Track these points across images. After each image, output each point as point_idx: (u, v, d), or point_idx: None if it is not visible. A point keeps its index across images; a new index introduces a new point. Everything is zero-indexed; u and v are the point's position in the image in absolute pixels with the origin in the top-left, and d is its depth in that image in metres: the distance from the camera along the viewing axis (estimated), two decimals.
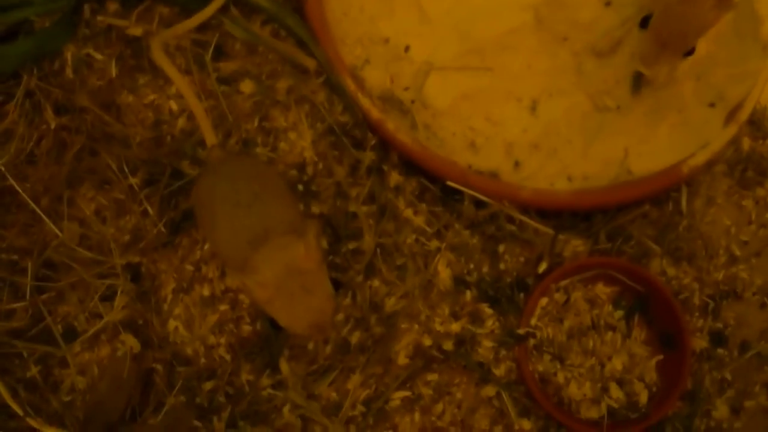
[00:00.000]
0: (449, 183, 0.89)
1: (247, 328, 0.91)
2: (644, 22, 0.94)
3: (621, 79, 0.97)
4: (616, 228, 0.95)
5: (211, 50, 0.95)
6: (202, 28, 0.95)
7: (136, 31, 0.95)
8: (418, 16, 0.97)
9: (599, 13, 0.99)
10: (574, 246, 0.93)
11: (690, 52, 0.91)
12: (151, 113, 0.95)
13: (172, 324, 0.90)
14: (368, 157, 0.91)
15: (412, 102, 0.94)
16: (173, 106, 0.95)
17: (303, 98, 0.94)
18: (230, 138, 0.93)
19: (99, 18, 0.95)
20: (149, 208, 0.91)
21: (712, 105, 0.98)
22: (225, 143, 0.92)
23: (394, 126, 0.89)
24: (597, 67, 0.98)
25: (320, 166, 0.92)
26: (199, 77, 0.95)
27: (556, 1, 0.98)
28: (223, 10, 0.95)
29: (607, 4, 1.00)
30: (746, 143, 1.01)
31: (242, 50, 0.96)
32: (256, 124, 0.93)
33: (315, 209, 0.91)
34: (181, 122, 0.94)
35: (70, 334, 0.89)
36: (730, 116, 0.97)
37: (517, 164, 0.94)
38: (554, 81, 0.97)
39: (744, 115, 0.97)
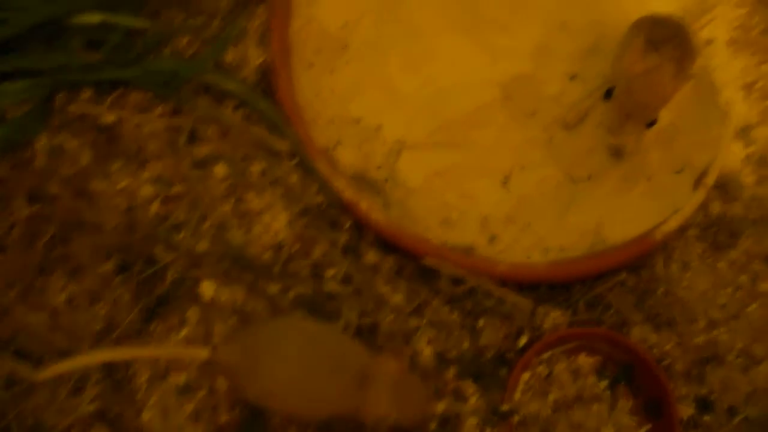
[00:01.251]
0: (426, 260, 0.89)
1: (224, 416, 0.88)
2: (608, 94, 0.97)
3: (591, 150, 0.99)
4: (595, 297, 0.95)
5: (185, 135, 0.95)
6: (176, 112, 0.96)
7: (109, 118, 0.95)
8: (388, 95, 0.99)
9: (565, 87, 1.02)
10: (554, 318, 0.93)
11: (653, 123, 0.93)
12: (123, 199, 0.94)
13: (146, 414, 0.87)
14: (344, 237, 0.91)
15: (386, 181, 0.95)
16: (146, 191, 0.95)
17: (277, 180, 0.94)
18: (205, 222, 0.92)
19: (71, 107, 0.96)
20: (124, 294, 0.90)
21: (679, 171, 1.00)
22: (199, 227, 0.92)
23: (367, 206, 0.89)
24: (566, 138, 1.00)
25: (296, 247, 0.92)
26: (172, 161, 0.95)
27: (522, 77, 1.01)
28: (197, 95, 0.96)
29: (572, 77, 1.03)
30: (716, 207, 1.03)
31: (215, 134, 0.97)
32: (230, 207, 0.93)
33: (292, 292, 0.90)
34: (154, 207, 0.94)
35: (39, 430, 0.86)
36: (698, 181, 0.99)
37: (492, 238, 0.94)
38: (525, 154, 0.99)
39: (711, 179, 0.99)
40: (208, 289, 0.89)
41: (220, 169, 0.94)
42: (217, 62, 0.99)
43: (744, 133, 1.08)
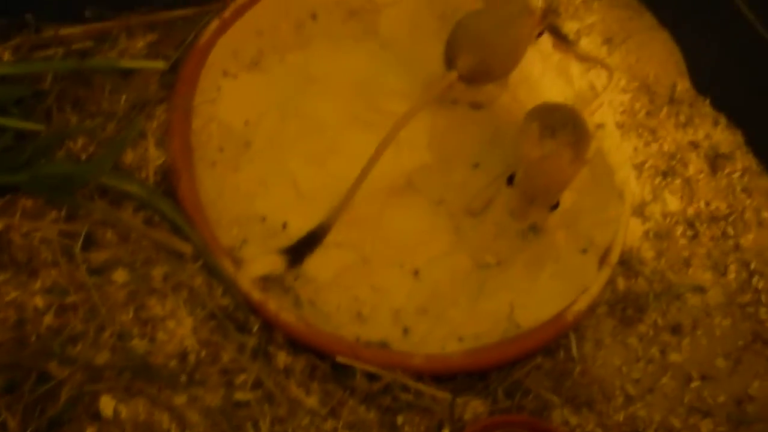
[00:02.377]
0: (339, 359, 0.87)
1: None
2: (510, 180, 0.99)
3: (498, 235, 1.00)
4: (513, 383, 0.94)
5: (80, 241, 0.91)
6: (71, 217, 0.92)
7: None
8: (293, 192, 0.98)
9: (469, 175, 1.04)
10: (474, 407, 0.91)
11: (555, 206, 0.96)
12: (12, 312, 0.88)
13: None
14: (253, 340, 0.87)
15: (295, 279, 0.92)
16: (38, 302, 0.89)
17: (180, 284, 0.90)
18: (104, 332, 0.87)
19: None
20: (10, 419, 0.82)
21: (584, 251, 1.03)
22: (98, 337, 0.86)
23: (276, 306, 0.87)
24: (473, 225, 1.01)
25: (203, 353, 0.87)
26: (67, 269, 0.90)
27: (427, 167, 1.03)
28: (93, 199, 0.93)
29: (475, 165, 1.05)
30: (621, 283, 1.05)
31: (114, 239, 0.92)
32: (131, 314, 0.88)
33: (199, 403, 0.85)
34: (47, 319, 0.87)
35: None
36: (603, 260, 1.02)
37: (406, 331, 0.93)
38: (434, 243, 0.99)
39: (614, 257, 1.03)
40: (107, 405, 0.83)
41: (119, 275, 0.90)
42: (115, 164, 0.96)
43: (640, 210, 1.13)
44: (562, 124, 0.95)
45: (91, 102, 1.01)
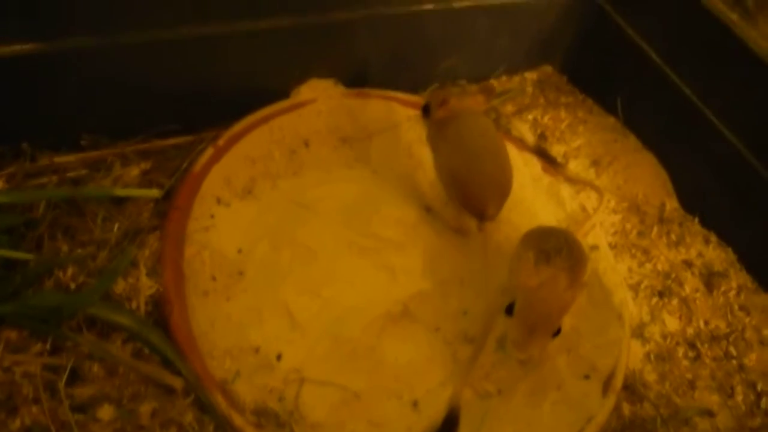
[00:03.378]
0: None
1: None
2: (509, 310, 0.97)
3: (497, 364, 0.98)
4: None
5: (65, 375, 0.87)
6: (56, 350, 0.88)
7: None
8: (287, 321, 0.95)
9: (466, 302, 1.03)
10: None
11: (557, 332, 0.93)
12: None
13: None
14: None
15: (290, 414, 0.88)
16: None
17: (170, 421, 0.85)
18: None
19: None
20: None
21: (587, 377, 1.00)
22: None
23: None
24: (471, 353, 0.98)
25: None
26: (49, 406, 0.85)
27: (423, 294, 1.01)
28: (79, 330, 0.89)
29: (476, 292, 1.04)
30: (626, 409, 1.02)
31: (101, 372, 0.88)
32: None
33: None
34: None
35: None
36: (606, 385, 0.99)
37: None
38: (432, 373, 0.96)
39: (618, 383, 1.00)
40: None
41: (104, 412, 0.85)
42: (105, 294, 0.93)
43: (639, 331, 1.11)
44: (556, 250, 0.94)
45: (83, 230, 0.99)
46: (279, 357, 0.92)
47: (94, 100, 1.04)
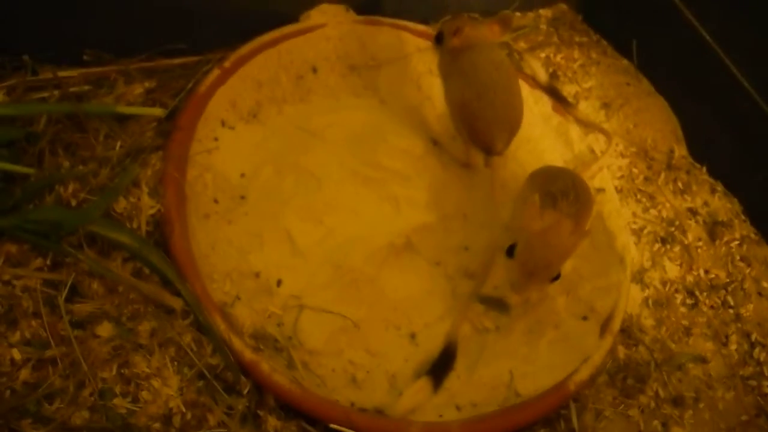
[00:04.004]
0: (332, 426, 0.82)
1: None
2: (510, 251, 0.95)
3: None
4: None
5: (65, 291, 0.86)
6: (56, 266, 0.88)
7: None
8: (289, 248, 0.95)
9: (469, 237, 1.02)
10: None
11: (556, 277, 0.93)
12: None
13: None
14: (242, 402, 0.82)
15: (289, 339, 0.88)
16: (15, 355, 0.84)
17: (168, 341, 0.85)
18: (84, 389, 0.82)
19: None
20: None
21: (585, 318, 1.01)
22: (77, 395, 0.81)
23: (269, 367, 0.82)
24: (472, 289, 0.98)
25: (189, 416, 0.82)
26: (49, 320, 0.85)
27: (426, 227, 1.01)
28: (79, 247, 0.89)
29: (480, 225, 1.04)
30: (621, 352, 1.03)
31: (100, 290, 0.88)
32: (114, 371, 0.83)
33: None
34: (24, 374, 0.82)
35: None
36: (604, 328, 1.00)
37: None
38: (431, 307, 0.96)
39: (616, 325, 1.00)
40: None
41: (104, 329, 0.85)
42: (106, 212, 0.92)
43: (639, 276, 1.11)
44: (563, 193, 0.92)
45: (85, 147, 0.98)
46: (279, 283, 0.92)
47: (97, 14, 1.01)
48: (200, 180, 0.97)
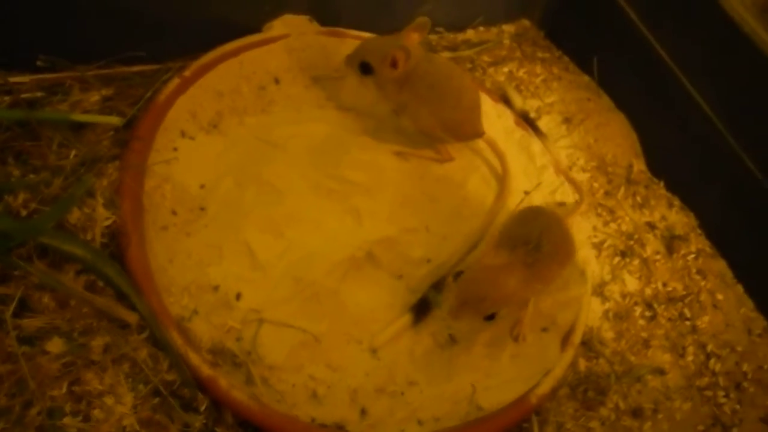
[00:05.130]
0: None
1: None
2: (456, 276, 0.96)
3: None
4: None
5: (12, 305, 0.83)
6: (4, 279, 0.85)
7: None
8: (249, 261, 0.93)
9: (432, 250, 1.02)
10: None
11: (491, 317, 0.91)
12: None
13: None
14: (199, 420, 0.80)
15: (248, 354, 0.86)
16: None
17: (123, 357, 0.83)
18: (31, 408, 0.79)
19: None
20: None
21: (545, 330, 1.01)
22: (24, 414, 0.78)
23: (227, 383, 0.81)
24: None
25: None
26: None
27: (387, 239, 1.00)
28: (29, 259, 0.86)
29: (443, 239, 1.04)
30: (582, 364, 1.03)
31: (51, 304, 0.85)
32: (64, 389, 0.80)
33: None
34: None
35: None
36: (565, 340, 1.00)
37: (363, 412, 0.87)
38: (392, 320, 0.95)
39: (577, 338, 1.01)
40: None
41: (54, 345, 0.82)
42: (58, 223, 0.89)
43: (599, 289, 1.12)
44: (524, 241, 0.91)
45: (37, 155, 0.94)
46: (238, 296, 0.90)
47: (52, 19, 0.98)
48: (158, 191, 0.95)
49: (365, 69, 1.05)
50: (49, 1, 0.96)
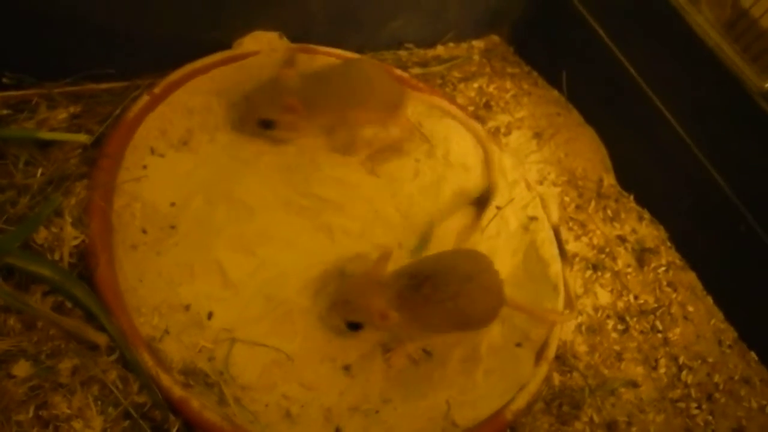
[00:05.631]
0: None
1: None
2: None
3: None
4: None
5: None
6: None
7: None
8: (220, 279, 0.92)
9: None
10: None
11: (353, 325, 0.90)
12: None
13: None
14: None
15: (220, 374, 0.85)
16: None
17: (91, 379, 0.81)
18: None
19: None
20: None
21: (519, 345, 1.01)
22: None
23: (199, 404, 0.79)
24: None
25: None
26: None
27: (360, 256, 0.99)
28: None
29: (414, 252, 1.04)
30: (556, 378, 1.04)
31: (17, 326, 0.83)
32: (31, 413, 0.78)
33: None
34: None
35: None
36: (539, 355, 1.00)
37: (338, 431, 0.86)
38: (366, 337, 0.94)
39: (551, 353, 1.01)
40: None
41: (20, 368, 0.80)
42: (25, 243, 0.88)
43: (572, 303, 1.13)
44: (413, 275, 0.91)
45: (3, 174, 0.93)
46: (210, 315, 0.89)
47: (18, 35, 0.97)
48: (128, 209, 0.94)
49: (267, 125, 1.04)
50: (15, 17, 0.94)
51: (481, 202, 1.12)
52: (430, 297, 0.89)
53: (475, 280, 0.92)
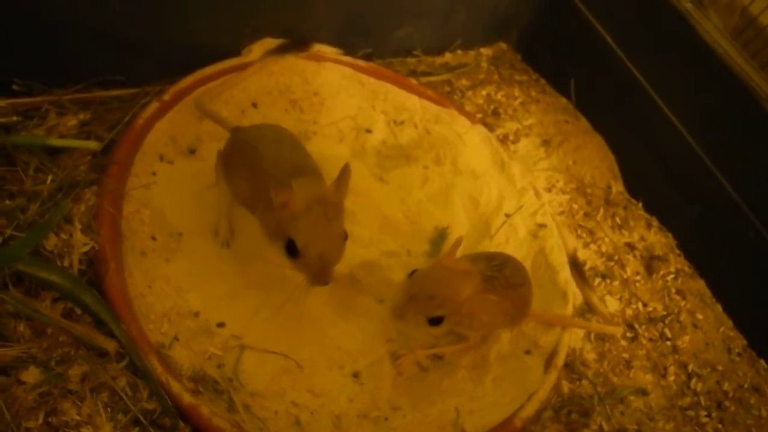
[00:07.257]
0: None
1: None
2: (411, 275, 0.91)
3: (440, 336, 0.97)
4: None
5: None
6: None
7: None
8: (229, 287, 0.92)
9: None
10: None
11: (436, 320, 0.86)
12: None
13: None
14: None
15: (229, 381, 0.85)
16: None
17: (101, 386, 0.81)
18: None
19: None
20: None
21: (528, 352, 1.01)
22: None
23: (209, 411, 0.79)
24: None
25: None
26: None
27: (369, 263, 0.99)
28: (4, 287, 0.84)
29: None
30: (565, 386, 1.03)
31: (27, 332, 0.83)
32: (40, 420, 0.77)
33: None
34: None
35: None
36: (549, 362, 1.00)
37: None
38: (375, 344, 0.94)
39: (560, 360, 1.01)
40: None
41: (30, 375, 0.80)
42: (35, 250, 0.88)
43: (581, 311, 1.12)
44: (488, 257, 0.91)
45: (13, 181, 0.93)
46: (219, 323, 0.89)
47: (28, 42, 0.97)
48: (137, 216, 0.94)
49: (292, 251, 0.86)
50: (25, 25, 0.95)
51: None
52: (510, 279, 0.90)
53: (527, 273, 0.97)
